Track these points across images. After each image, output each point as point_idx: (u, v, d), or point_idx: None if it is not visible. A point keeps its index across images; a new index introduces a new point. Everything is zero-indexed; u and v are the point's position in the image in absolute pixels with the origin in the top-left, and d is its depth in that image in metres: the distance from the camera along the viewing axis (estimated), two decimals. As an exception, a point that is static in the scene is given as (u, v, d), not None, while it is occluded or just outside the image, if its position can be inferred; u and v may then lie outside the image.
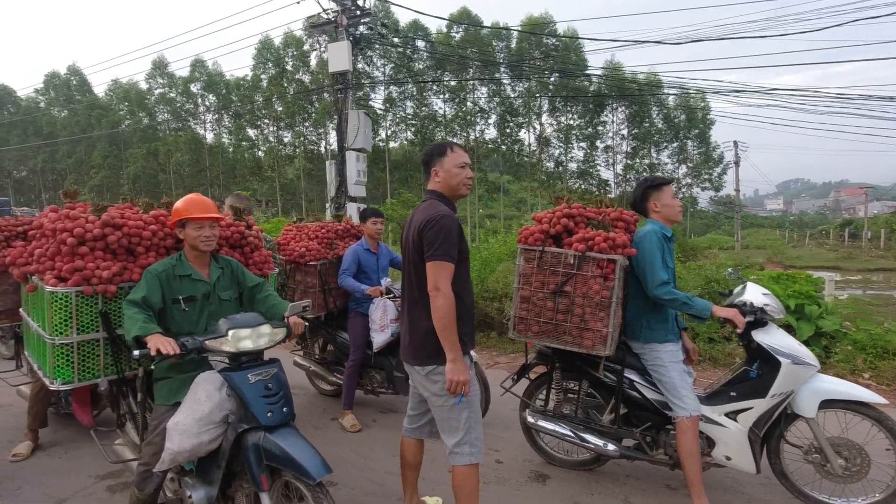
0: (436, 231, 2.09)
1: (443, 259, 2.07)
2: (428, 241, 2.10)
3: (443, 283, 2.06)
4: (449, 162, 2.24)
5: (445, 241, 2.08)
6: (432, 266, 2.08)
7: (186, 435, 2.10)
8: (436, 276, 2.07)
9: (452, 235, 2.10)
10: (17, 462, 3.36)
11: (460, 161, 2.25)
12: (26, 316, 2.65)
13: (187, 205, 2.42)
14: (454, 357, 2.07)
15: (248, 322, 2.21)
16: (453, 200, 2.31)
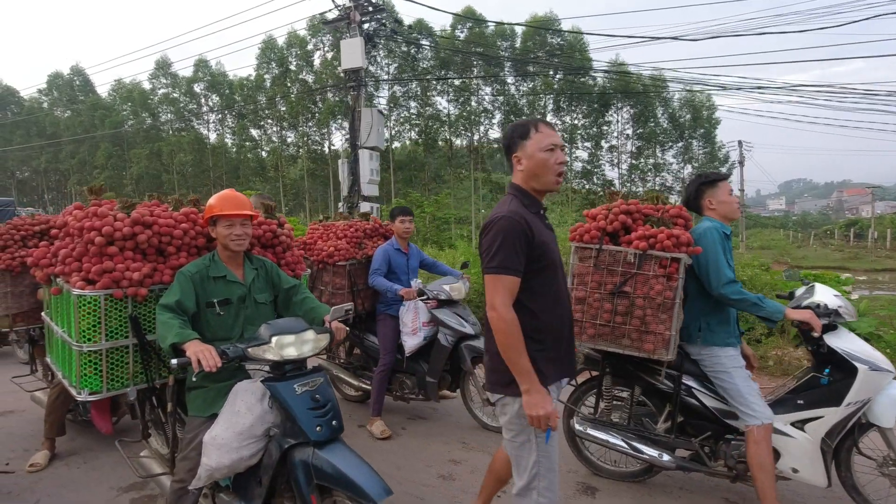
0: (491, 237, 1.74)
1: (499, 271, 1.70)
2: (483, 248, 1.77)
3: (499, 299, 1.69)
4: (533, 145, 1.80)
5: (503, 248, 1.70)
6: (488, 280, 1.74)
7: (225, 450, 1.94)
8: (491, 291, 1.72)
9: (514, 241, 1.71)
10: (35, 472, 3.20)
11: (547, 143, 1.79)
12: (49, 320, 2.49)
13: (219, 201, 2.27)
14: (528, 388, 1.69)
15: (292, 328, 2.04)
16: (539, 195, 1.89)
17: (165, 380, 2.35)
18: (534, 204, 1.87)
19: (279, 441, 1.93)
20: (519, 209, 1.78)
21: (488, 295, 1.73)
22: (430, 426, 3.94)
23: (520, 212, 1.77)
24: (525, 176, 1.85)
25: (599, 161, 34.49)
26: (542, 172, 1.81)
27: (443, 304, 3.70)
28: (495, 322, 1.70)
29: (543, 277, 1.79)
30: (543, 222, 1.88)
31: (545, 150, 1.79)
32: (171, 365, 1.86)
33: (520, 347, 1.69)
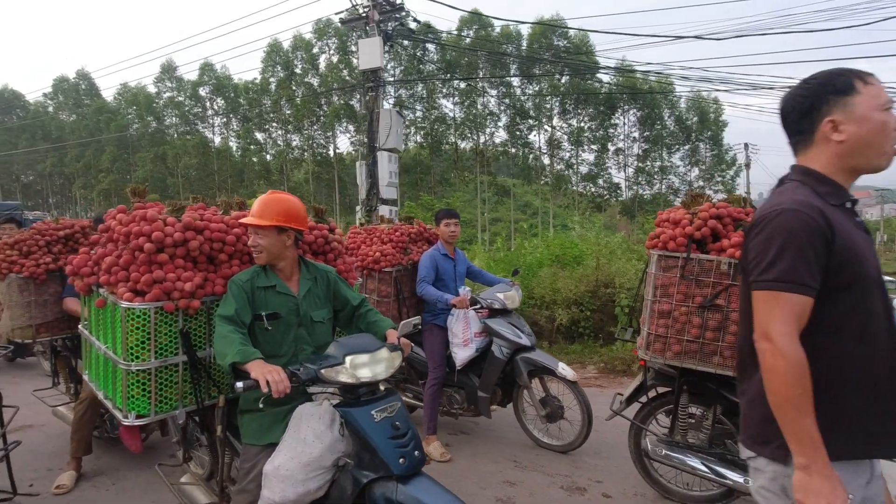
0: (766, 237, 1.21)
1: (781, 286, 1.17)
2: (753, 254, 1.24)
3: (779, 327, 1.16)
4: (866, 103, 1.21)
5: (787, 254, 1.17)
6: (760, 298, 1.21)
7: (290, 482, 1.73)
8: (766, 315, 1.19)
9: (804, 245, 1.17)
10: (62, 495, 2.98)
11: (884, 100, 1.23)
12: (88, 334, 2.27)
13: (255, 209, 2.01)
14: (806, 463, 1.13)
15: (365, 346, 1.83)
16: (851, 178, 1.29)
17: (214, 400, 2.14)
18: (837, 193, 1.26)
19: (355, 474, 1.72)
20: (812, 199, 1.22)
21: (760, 319, 1.20)
22: (476, 443, 3.71)
23: (813, 203, 1.21)
24: (844, 150, 1.24)
25: (605, 164, 34.29)
26: (877, 142, 1.22)
27: (494, 313, 3.49)
28: (770, 359, 1.17)
29: (850, 299, 1.21)
30: (853, 220, 1.28)
31: (882, 109, 1.22)
32: (237, 388, 1.65)
33: (804, 402, 1.14)
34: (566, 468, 3.28)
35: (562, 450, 3.46)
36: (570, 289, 6.63)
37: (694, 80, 23.75)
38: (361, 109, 31.39)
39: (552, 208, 33.85)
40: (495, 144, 34.08)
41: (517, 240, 9.93)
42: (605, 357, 6.00)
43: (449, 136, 33.25)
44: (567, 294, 6.59)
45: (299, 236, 2.10)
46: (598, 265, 6.97)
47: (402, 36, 9.39)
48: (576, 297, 6.58)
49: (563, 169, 34.16)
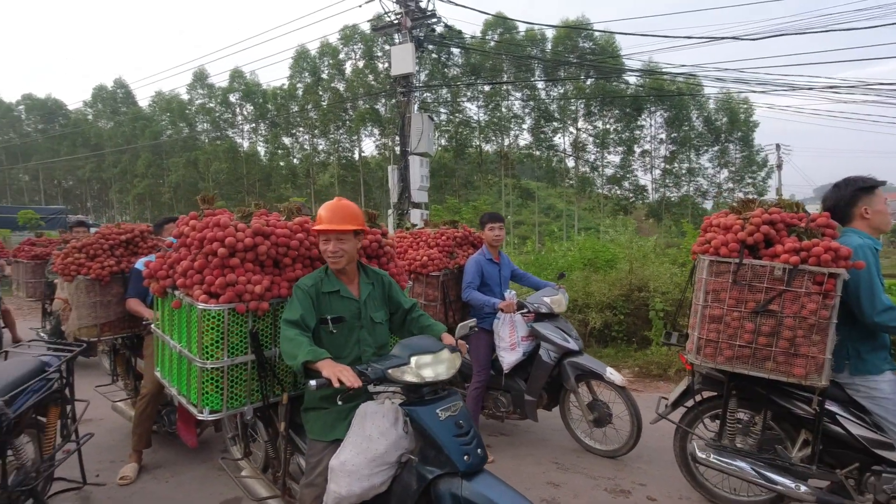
0: None
1: None
2: None
3: None
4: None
5: None
6: None
7: (356, 477, 1.81)
8: None
9: None
10: (126, 486, 3.14)
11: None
12: (161, 333, 2.40)
13: (320, 212, 2.12)
14: None
15: (428, 347, 1.91)
16: None
17: (278, 398, 2.25)
18: None
19: (420, 470, 1.79)
20: None
21: None
22: (517, 445, 3.76)
23: None
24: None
25: (631, 166, 33.82)
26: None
27: (540, 317, 3.52)
28: None
29: None
30: None
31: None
32: (310, 386, 1.74)
33: None
34: (609, 471, 3.30)
35: (610, 455, 3.45)
36: (602, 292, 6.60)
37: (729, 81, 23.12)
38: (387, 113, 31.84)
39: (576, 211, 33.56)
40: (519, 147, 34.00)
41: (546, 243, 9.90)
42: (641, 361, 5.96)
43: (473, 139, 33.31)
44: (600, 298, 6.57)
45: None
46: (632, 269, 6.93)
47: (433, 41, 9.50)
48: (609, 300, 6.55)
49: (587, 171, 33.84)
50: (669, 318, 5.99)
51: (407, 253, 3.76)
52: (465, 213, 17.33)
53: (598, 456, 3.51)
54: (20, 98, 43.18)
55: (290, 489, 2.32)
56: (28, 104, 42.73)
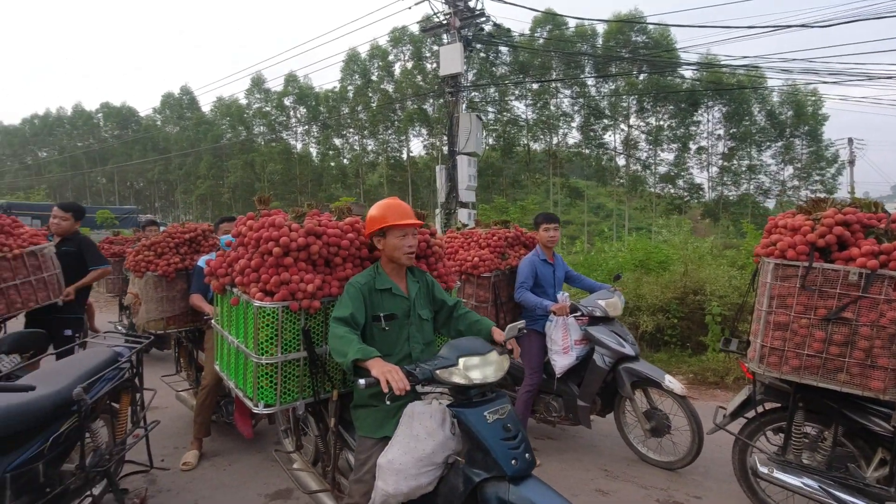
0: None
1: None
2: None
3: None
4: None
5: None
6: None
7: (403, 476, 1.82)
8: None
9: None
10: (188, 472, 3.32)
11: None
12: (220, 328, 2.52)
13: (387, 211, 2.18)
14: None
15: (477, 348, 1.90)
16: None
17: (329, 394, 2.30)
18: None
19: (467, 472, 1.78)
20: None
21: None
22: (564, 450, 3.69)
23: None
24: None
25: (686, 163, 32.43)
26: None
27: (595, 321, 3.42)
28: None
29: None
30: None
31: None
32: (359, 385, 1.78)
33: None
34: (662, 481, 3.18)
35: (668, 467, 3.30)
36: (655, 295, 6.37)
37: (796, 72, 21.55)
38: (434, 113, 32.06)
39: (627, 210, 32.57)
40: (568, 146, 33.38)
41: (596, 243, 9.66)
42: (696, 367, 5.71)
43: (521, 138, 32.99)
44: (652, 300, 6.34)
45: None
46: (687, 271, 6.66)
47: (481, 41, 9.47)
48: (661, 303, 6.32)
49: (639, 170, 32.76)
50: (728, 324, 5.71)
51: (458, 253, 3.74)
52: (513, 212, 17.28)
53: (648, 464, 3.38)
54: (99, 106, 46.80)
55: (339, 484, 2.38)
56: (105, 112, 46.28)
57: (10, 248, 3.40)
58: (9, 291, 3.36)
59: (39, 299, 3.53)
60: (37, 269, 3.55)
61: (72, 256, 3.84)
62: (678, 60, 27.79)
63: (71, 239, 3.92)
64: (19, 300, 3.43)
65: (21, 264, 3.44)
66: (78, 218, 3.97)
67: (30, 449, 2.09)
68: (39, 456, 2.12)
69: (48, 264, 3.64)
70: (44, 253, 3.61)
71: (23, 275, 3.44)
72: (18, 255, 3.41)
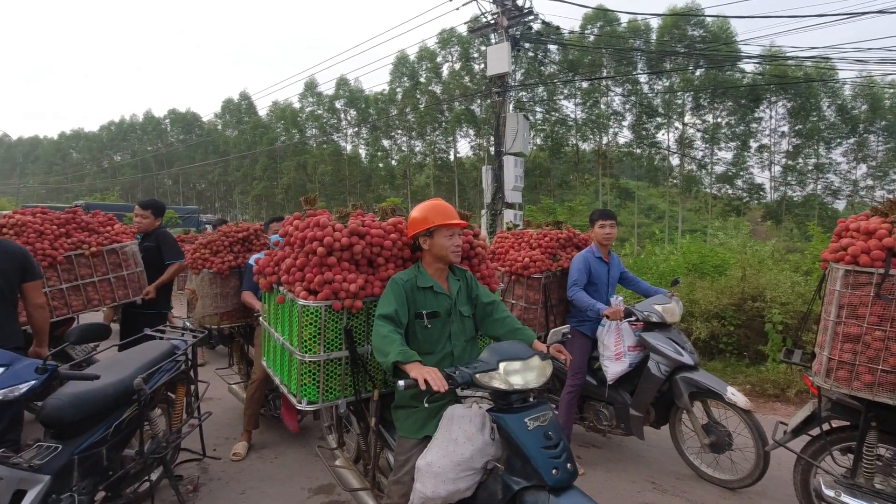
0: None
1: None
2: None
3: None
4: None
5: None
6: None
7: (441, 479, 1.80)
8: None
9: None
10: (237, 462, 3.45)
11: None
12: (267, 325, 2.61)
13: (434, 212, 2.19)
14: None
15: (518, 353, 1.86)
16: None
17: (370, 394, 2.32)
18: None
19: (506, 480, 1.75)
20: None
21: None
22: (610, 459, 3.57)
23: None
24: None
25: (746, 162, 30.75)
26: None
27: (651, 326, 3.25)
28: None
29: None
30: None
31: None
32: (399, 386, 1.78)
33: None
34: (713, 498, 3.01)
35: (730, 486, 3.08)
36: (709, 300, 6.07)
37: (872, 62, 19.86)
38: (482, 114, 31.99)
39: (680, 212, 31.28)
40: (619, 145, 32.45)
41: (647, 245, 9.32)
42: (753, 378, 5.40)
43: (570, 137, 32.38)
44: (706, 306, 6.05)
45: None
46: (745, 275, 6.30)
47: (529, 40, 9.34)
48: (717, 309, 6.01)
49: (693, 169, 31.38)
50: (790, 333, 5.36)
51: (508, 254, 3.68)
52: (561, 213, 17.03)
53: (700, 479, 3.20)
54: (166, 112, 50.15)
55: (379, 483, 2.40)
56: (172, 118, 49.53)
57: (90, 245, 3.58)
58: (86, 288, 3.54)
59: (119, 297, 3.70)
60: (117, 267, 3.67)
61: (152, 252, 3.97)
62: (739, 54, 26.44)
63: (151, 235, 4.06)
64: (97, 297, 3.61)
65: (101, 262, 3.59)
66: (158, 215, 4.05)
67: (95, 434, 2.23)
68: (103, 441, 2.26)
69: (129, 262, 3.75)
70: (125, 251, 3.75)
71: (101, 272, 3.62)
72: (98, 252, 3.58)
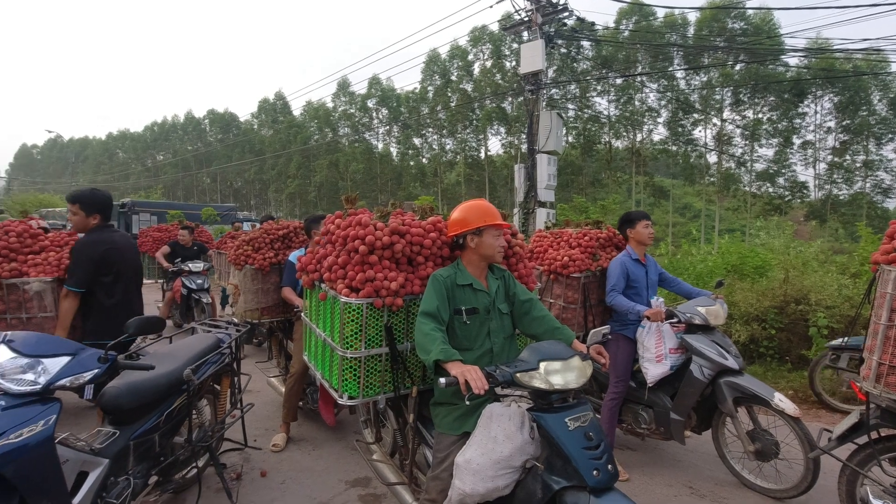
0: None
1: None
2: None
3: None
4: None
5: None
6: None
7: (480, 477, 1.83)
8: None
9: None
10: (277, 453, 3.56)
11: None
12: (309, 321, 2.69)
13: (484, 212, 2.22)
14: None
15: (559, 353, 1.87)
16: None
17: (408, 390, 2.37)
18: None
19: (546, 479, 1.76)
20: None
21: None
22: (646, 462, 3.53)
23: None
24: None
25: (788, 160, 29.55)
26: None
27: (693, 329, 3.18)
28: None
29: None
30: None
31: None
32: (439, 384, 1.81)
33: None
34: (753, 504, 2.95)
35: (776, 495, 2.97)
36: (749, 303, 5.90)
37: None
38: (513, 112, 31.82)
39: (717, 211, 30.37)
40: (653, 142, 31.71)
41: (683, 245, 9.11)
42: (796, 383, 5.23)
43: (602, 135, 31.85)
44: (746, 308, 5.88)
45: None
46: (788, 277, 6.09)
47: (563, 36, 9.24)
48: (757, 312, 5.84)
49: (732, 167, 30.37)
50: (836, 337, 5.17)
51: (546, 253, 3.66)
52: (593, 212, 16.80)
53: (746, 489, 3.11)
54: (205, 113, 51.89)
55: (416, 478, 2.45)
56: (211, 118, 51.27)
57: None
58: None
59: None
60: (17, 308, 3.17)
61: None
62: (782, 47, 25.44)
63: None
64: None
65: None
66: (91, 210, 3.10)
67: (148, 421, 2.36)
68: (155, 428, 2.39)
69: (32, 304, 3.20)
70: (27, 288, 3.16)
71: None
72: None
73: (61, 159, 71.07)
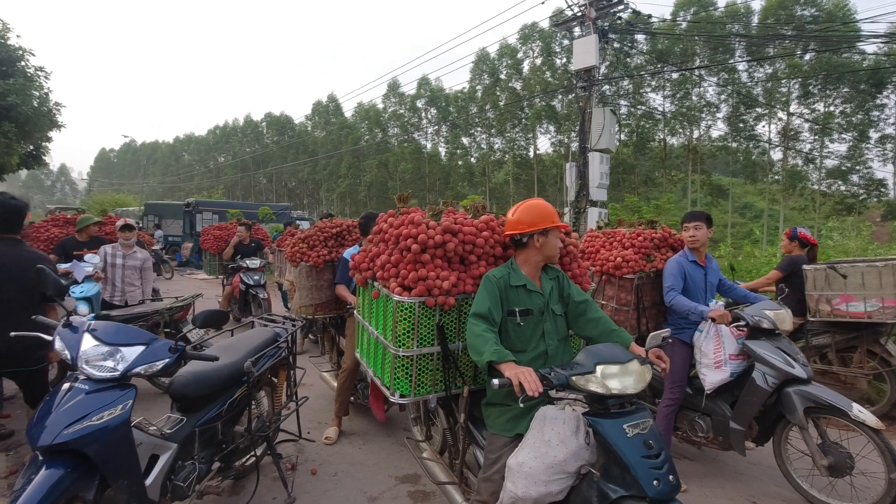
0: None
1: None
2: None
3: None
4: None
5: None
6: None
7: (532, 480, 1.80)
8: None
9: None
10: (329, 446, 3.66)
11: None
12: (361, 319, 2.74)
13: (548, 212, 2.20)
14: None
15: (616, 357, 1.81)
16: None
17: (460, 390, 2.36)
18: None
19: (602, 487, 1.71)
20: None
21: None
22: (704, 474, 3.37)
23: None
24: None
25: (863, 156, 27.37)
26: None
27: (756, 334, 3.01)
28: None
29: None
30: None
31: None
32: (493, 385, 1.79)
33: None
34: (826, 525, 2.75)
35: None
36: (820, 309, 5.51)
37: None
38: (563, 109, 31.23)
39: (782, 210, 28.61)
40: (711, 139, 30.27)
41: (744, 247, 8.63)
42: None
43: (657, 132, 30.74)
44: (816, 315, 5.49)
45: None
46: (865, 283, 5.64)
47: (617, 31, 8.96)
48: (828, 318, 5.44)
49: (799, 164, 28.48)
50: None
51: (599, 253, 3.57)
52: (647, 212, 16.26)
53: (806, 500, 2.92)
54: (263, 116, 54.26)
55: (466, 478, 2.44)
56: (268, 121, 53.54)
57: None
58: None
59: None
60: None
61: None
62: (859, 33, 23.62)
63: None
64: None
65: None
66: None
67: (212, 410, 2.47)
68: (219, 416, 2.50)
69: None
70: None
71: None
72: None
73: (134, 162, 76.19)
